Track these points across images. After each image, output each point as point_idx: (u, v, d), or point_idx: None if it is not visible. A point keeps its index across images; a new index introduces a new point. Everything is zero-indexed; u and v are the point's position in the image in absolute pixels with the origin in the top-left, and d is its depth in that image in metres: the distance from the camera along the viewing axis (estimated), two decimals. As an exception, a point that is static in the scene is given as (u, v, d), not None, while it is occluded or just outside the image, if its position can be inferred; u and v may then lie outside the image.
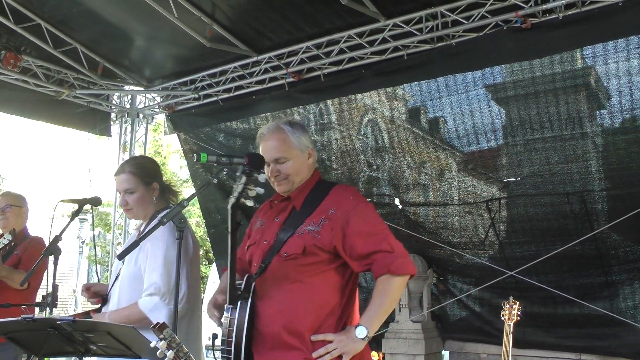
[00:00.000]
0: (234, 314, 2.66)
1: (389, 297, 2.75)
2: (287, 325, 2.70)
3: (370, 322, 2.68)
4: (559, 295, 6.12)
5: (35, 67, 7.09)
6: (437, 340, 7.32)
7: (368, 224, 2.79)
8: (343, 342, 2.66)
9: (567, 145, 5.66)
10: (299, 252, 2.74)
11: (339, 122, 6.90)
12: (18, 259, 5.07)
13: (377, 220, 2.86)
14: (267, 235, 2.89)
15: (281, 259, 2.76)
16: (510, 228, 6.48)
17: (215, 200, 7.96)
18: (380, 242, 2.75)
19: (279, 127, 2.95)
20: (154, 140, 16.20)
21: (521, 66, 5.58)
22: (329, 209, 2.80)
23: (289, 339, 2.69)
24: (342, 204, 2.81)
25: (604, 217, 5.74)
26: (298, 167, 2.91)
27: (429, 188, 6.82)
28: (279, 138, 2.91)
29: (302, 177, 2.94)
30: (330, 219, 2.77)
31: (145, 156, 7.36)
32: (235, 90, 7.19)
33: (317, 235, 2.75)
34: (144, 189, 3.51)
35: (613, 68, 5.09)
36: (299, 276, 2.74)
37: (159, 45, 7.17)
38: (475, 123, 5.95)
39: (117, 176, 3.57)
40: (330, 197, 2.86)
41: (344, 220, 2.75)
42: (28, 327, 2.83)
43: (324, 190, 2.90)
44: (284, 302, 2.73)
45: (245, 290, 2.72)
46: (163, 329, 2.16)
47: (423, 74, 6.02)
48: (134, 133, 8.44)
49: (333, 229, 2.74)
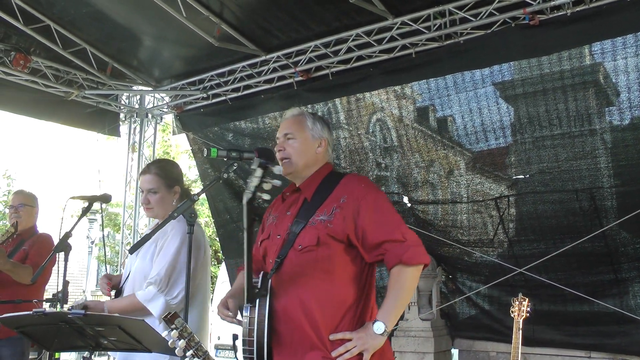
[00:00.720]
0: (253, 313, 2.62)
1: (404, 289, 2.69)
2: (305, 322, 2.65)
3: (388, 317, 2.63)
4: (568, 293, 6.10)
5: (44, 68, 7.14)
6: (447, 338, 7.31)
7: (379, 213, 2.74)
8: (362, 339, 2.60)
9: (576, 142, 5.64)
10: (313, 243, 2.70)
11: (347, 121, 6.90)
12: (25, 254, 5.11)
13: (389, 209, 2.81)
14: (280, 229, 2.86)
15: (296, 252, 2.73)
16: (519, 226, 6.46)
17: (224, 200, 7.98)
18: (392, 232, 2.70)
19: (301, 111, 3.05)
20: (163, 141, 16.24)
21: (529, 63, 5.57)
22: (340, 197, 2.77)
23: (307, 337, 2.65)
24: (353, 192, 2.77)
25: (613, 214, 5.72)
26: (303, 149, 2.91)
27: (438, 186, 6.82)
28: (295, 117, 2.99)
29: (307, 162, 2.92)
30: (342, 207, 2.74)
31: (171, 160, 7.50)
32: (244, 90, 7.21)
33: (330, 224, 2.71)
34: (166, 191, 3.68)
35: (622, 64, 5.07)
36: (315, 271, 2.70)
37: (167, 45, 7.20)
38: (483, 121, 5.94)
39: (142, 175, 3.77)
40: (340, 186, 2.83)
41: (355, 209, 2.72)
42: (39, 321, 2.86)
43: (334, 181, 2.87)
44: (301, 298, 2.68)
45: (262, 288, 2.68)
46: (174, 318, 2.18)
47: (431, 72, 6.02)
48: (143, 133, 8.48)
49: (345, 217, 2.71)
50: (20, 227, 5.25)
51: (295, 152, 2.90)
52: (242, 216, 6.53)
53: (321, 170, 2.96)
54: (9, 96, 7.33)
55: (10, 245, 5.23)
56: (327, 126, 3.03)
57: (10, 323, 3.03)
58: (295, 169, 2.91)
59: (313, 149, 2.94)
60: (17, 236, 5.28)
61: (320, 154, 2.97)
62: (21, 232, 5.27)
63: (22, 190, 5.71)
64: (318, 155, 2.96)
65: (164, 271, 3.42)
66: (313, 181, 2.91)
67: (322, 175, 2.94)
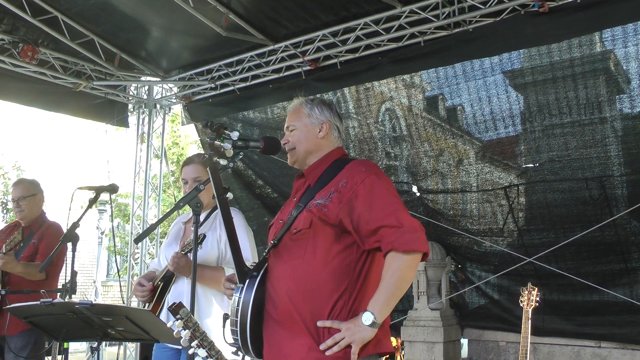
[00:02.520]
0: (241, 294, 2.59)
1: (396, 278, 2.52)
2: (291, 307, 2.58)
3: (377, 307, 2.50)
4: (578, 283, 6.07)
5: (52, 60, 7.14)
6: (456, 328, 7.30)
7: (375, 197, 2.62)
8: (350, 330, 2.47)
9: (586, 131, 5.61)
10: (306, 226, 2.63)
11: (356, 110, 6.88)
12: (35, 249, 5.02)
13: (388, 193, 2.67)
14: (283, 214, 2.85)
15: (291, 235, 2.69)
16: (528, 215, 6.44)
17: (233, 190, 7.89)
18: (386, 217, 2.57)
19: (300, 101, 3.00)
20: (172, 131, 16.25)
21: (539, 51, 5.53)
22: (340, 181, 2.71)
23: (295, 322, 2.57)
24: (353, 176, 2.69)
25: (624, 203, 5.68)
26: (303, 136, 2.88)
27: (447, 176, 6.79)
28: (294, 108, 2.98)
29: (309, 149, 2.88)
30: (340, 191, 2.66)
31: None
32: (252, 80, 7.19)
33: (324, 208, 2.64)
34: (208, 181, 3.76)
35: (633, 51, 5.02)
36: (305, 255, 2.62)
37: (175, 36, 7.18)
38: (493, 109, 5.91)
39: (185, 166, 3.95)
40: (344, 171, 2.76)
41: (353, 193, 2.63)
42: (47, 311, 2.87)
43: (339, 166, 2.81)
44: (287, 282, 2.61)
45: (255, 269, 2.66)
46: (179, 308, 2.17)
47: (440, 60, 5.98)
48: (152, 124, 8.48)
49: (341, 201, 2.62)
50: (27, 220, 5.20)
51: (297, 140, 2.89)
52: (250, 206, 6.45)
53: (329, 155, 2.90)
54: (17, 88, 7.35)
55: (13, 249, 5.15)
56: (328, 108, 2.97)
57: (18, 313, 3.05)
58: (298, 156, 2.89)
59: (314, 135, 2.90)
60: (25, 229, 5.22)
61: (323, 138, 2.91)
62: (29, 224, 5.20)
63: (20, 180, 5.57)
64: (321, 140, 2.90)
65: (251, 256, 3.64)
66: (318, 167, 2.87)
67: (329, 161, 2.88)
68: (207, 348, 2.23)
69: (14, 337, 4.86)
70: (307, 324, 2.56)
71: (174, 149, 16.70)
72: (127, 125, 8.61)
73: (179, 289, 3.63)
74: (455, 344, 7.28)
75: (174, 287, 3.66)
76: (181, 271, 3.56)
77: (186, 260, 3.51)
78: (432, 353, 6.90)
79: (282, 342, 2.58)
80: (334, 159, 2.88)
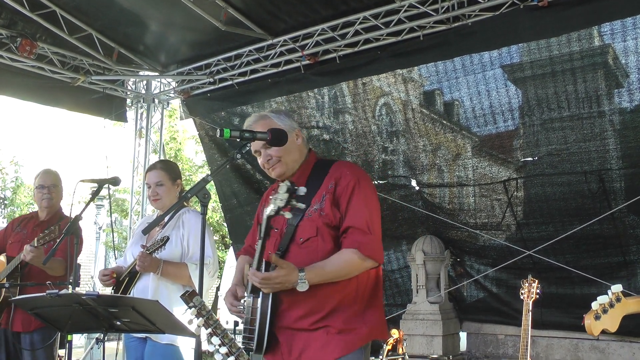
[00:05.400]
0: (256, 303, 2.69)
1: (344, 269, 2.72)
2: (310, 309, 2.73)
3: (313, 275, 2.64)
4: (576, 276, 6.11)
5: (50, 54, 7.12)
6: (455, 321, 7.33)
7: (354, 201, 2.78)
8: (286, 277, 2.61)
9: (585, 124, 5.63)
10: (313, 234, 2.76)
11: (354, 105, 6.89)
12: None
13: (366, 198, 2.83)
14: (276, 223, 2.84)
15: (298, 245, 2.78)
16: (527, 208, 6.46)
17: (231, 184, 7.99)
18: (359, 219, 2.75)
19: (263, 115, 3.03)
20: (170, 126, 16.22)
21: (538, 45, 5.54)
22: (328, 184, 2.84)
23: (312, 322, 2.73)
24: (340, 179, 2.83)
25: (622, 196, 5.72)
26: (288, 147, 2.90)
27: (445, 170, 6.81)
28: (264, 124, 2.94)
29: (294, 158, 2.95)
30: (330, 193, 2.80)
31: (172, 161, 8.09)
32: (251, 74, 7.19)
33: (322, 212, 2.77)
34: (170, 184, 4.18)
35: (632, 45, 5.03)
36: (317, 261, 2.73)
37: (173, 30, 7.16)
38: (492, 103, 5.92)
39: (149, 172, 4.25)
40: (330, 173, 2.88)
41: (339, 194, 2.79)
42: (53, 303, 2.87)
43: (324, 169, 2.92)
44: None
45: None
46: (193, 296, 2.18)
47: (439, 54, 5.98)
48: (150, 118, 8.47)
49: (332, 203, 2.78)
50: (50, 210, 5.12)
51: (284, 153, 2.91)
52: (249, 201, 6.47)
53: (308, 160, 3.01)
54: (15, 82, 7.31)
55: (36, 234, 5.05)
56: (288, 116, 3.06)
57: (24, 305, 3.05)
58: (287, 167, 2.94)
59: (294, 143, 2.96)
60: (44, 223, 5.13)
61: (300, 144, 2.99)
62: (49, 217, 5.12)
63: (49, 169, 5.37)
64: (300, 146, 2.99)
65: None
66: (303, 173, 2.96)
67: (310, 165, 2.99)
68: (221, 336, 2.25)
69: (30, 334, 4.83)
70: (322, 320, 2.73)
71: (172, 144, 16.67)
72: (125, 120, 8.59)
73: (144, 283, 3.92)
74: (454, 337, 7.31)
75: (139, 282, 3.95)
76: (147, 269, 3.84)
77: (151, 260, 3.78)
78: (431, 346, 6.93)
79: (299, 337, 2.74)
80: (313, 162, 3.01)
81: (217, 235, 17.22)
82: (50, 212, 5.13)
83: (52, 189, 5.12)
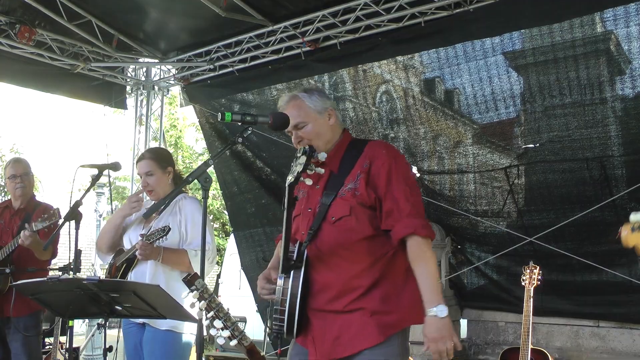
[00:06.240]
0: (287, 283, 2.66)
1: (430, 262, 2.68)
2: (342, 289, 2.70)
3: (435, 297, 2.60)
4: (577, 263, 6.10)
5: (49, 41, 7.07)
6: (455, 308, 7.34)
7: (393, 181, 2.74)
8: (435, 340, 2.57)
9: (587, 111, 5.60)
10: (346, 213, 2.73)
11: (354, 92, 6.86)
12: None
13: (407, 178, 2.81)
14: (310, 203, 2.88)
15: (330, 224, 2.75)
16: (528, 195, 6.45)
17: (232, 172, 7.97)
18: (403, 201, 2.70)
19: (294, 95, 2.99)
20: (170, 114, 16.20)
21: (540, 31, 5.50)
22: (363, 163, 2.80)
23: (346, 304, 2.70)
24: (375, 158, 2.79)
25: (623, 183, 5.70)
26: (318, 129, 2.90)
27: (446, 157, 6.80)
28: (294, 105, 2.94)
29: (327, 139, 2.93)
30: (364, 172, 2.76)
31: (161, 147, 7.98)
32: (251, 61, 7.15)
33: (357, 192, 2.74)
34: (161, 172, 4.16)
35: (635, 31, 5.00)
36: (351, 240, 2.72)
37: (173, 17, 7.12)
38: (493, 90, 5.89)
39: (138, 163, 4.24)
40: (365, 153, 2.84)
41: (376, 174, 2.74)
42: (54, 288, 2.87)
43: (358, 149, 2.88)
44: (338, 267, 2.72)
45: (298, 259, 2.71)
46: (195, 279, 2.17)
47: (441, 41, 5.95)
48: (150, 106, 8.44)
49: (368, 182, 2.74)
50: (24, 199, 5.24)
51: (314, 135, 2.89)
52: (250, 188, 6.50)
53: (342, 140, 2.98)
54: (14, 69, 7.28)
55: (15, 222, 5.18)
56: (322, 94, 3.03)
57: (25, 290, 3.05)
58: (319, 150, 2.86)
59: (326, 124, 2.94)
60: (20, 211, 5.23)
61: (333, 124, 2.97)
62: (24, 204, 5.24)
63: (18, 159, 5.62)
64: (333, 126, 2.96)
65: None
66: (337, 153, 2.92)
67: (344, 145, 2.95)
68: (223, 319, 2.24)
69: (25, 318, 4.92)
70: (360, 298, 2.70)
71: (172, 132, 16.65)
72: (125, 107, 8.55)
73: (142, 270, 3.93)
74: (454, 324, 7.29)
75: (137, 267, 3.95)
76: (148, 257, 3.83)
77: (152, 249, 3.78)
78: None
79: (333, 320, 2.72)
80: (348, 142, 2.97)
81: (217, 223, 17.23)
82: (24, 200, 5.24)
83: (24, 178, 5.25)
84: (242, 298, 10.00)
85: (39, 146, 35.84)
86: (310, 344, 2.77)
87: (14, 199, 5.29)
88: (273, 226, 7.81)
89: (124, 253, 4.03)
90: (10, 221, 5.19)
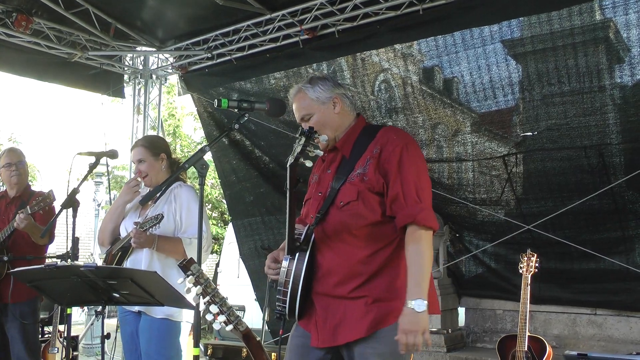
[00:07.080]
0: (291, 265, 2.68)
1: (425, 254, 2.66)
2: (347, 274, 2.71)
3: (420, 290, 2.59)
4: (575, 251, 6.12)
5: (46, 29, 7.05)
6: (453, 296, 7.37)
7: (402, 168, 2.73)
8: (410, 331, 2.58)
9: (585, 99, 5.58)
10: (354, 198, 2.73)
11: (353, 81, 6.84)
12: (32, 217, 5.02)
13: (417, 166, 2.79)
14: (321, 187, 2.91)
15: (338, 209, 2.76)
16: (526, 183, 6.45)
17: (230, 160, 7.96)
18: (409, 188, 2.70)
19: (299, 88, 3.03)
20: (168, 103, 16.16)
21: (539, 19, 5.47)
22: (373, 148, 2.80)
23: (350, 289, 2.71)
24: (386, 143, 2.79)
25: (621, 171, 5.70)
26: (323, 119, 2.92)
27: (444, 146, 6.79)
28: (298, 98, 2.99)
29: (334, 127, 2.94)
30: (374, 157, 2.77)
31: (156, 135, 8.07)
32: (249, 49, 7.13)
33: (365, 177, 2.75)
34: (153, 159, 4.21)
35: (634, 18, 4.97)
36: (357, 225, 2.73)
37: (171, 5, 7.09)
38: (492, 78, 5.86)
39: (132, 150, 4.31)
40: (376, 139, 2.84)
41: (386, 159, 2.74)
42: (52, 275, 2.87)
43: (371, 134, 2.89)
44: (343, 252, 2.73)
45: (304, 242, 2.73)
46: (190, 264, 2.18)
47: (439, 28, 5.92)
48: (148, 94, 8.43)
49: (377, 167, 2.74)
50: (19, 187, 5.29)
51: (320, 125, 2.88)
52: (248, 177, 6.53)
53: (355, 125, 2.99)
54: (11, 58, 7.26)
55: (11, 210, 5.21)
56: (327, 81, 3.03)
57: (23, 277, 3.05)
58: (329, 138, 2.91)
59: (331, 113, 2.95)
60: (16, 199, 5.28)
61: (340, 112, 2.97)
62: (19, 193, 5.30)
63: (12, 148, 5.69)
64: (340, 114, 2.97)
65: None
66: (349, 138, 2.94)
67: (357, 130, 2.96)
68: (219, 304, 2.25)
69: (22, 304, 4.96)
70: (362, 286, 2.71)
71: (170, 121, 16.61)
72: (122, 95, 8.54)
73: (138, 258, 3.96)
74: (452, 312, 7.35)
75: (132, 255, 3.97)
76: (143, 245, 3.85)
77: (146, 237, 3.79)
78: (430, 321, 6.88)
79: (337, 306, 2.73)
80: (361, 127, 2.97)
81: (216, 211, 17.22)
82: (19, 188, 5.30)
83: (19, 165, 5.30)
84: (241, 287, 10.03)
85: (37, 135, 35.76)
86: (312, 328, 2.78)
87: (9, 187, 5.34)
88: (271, 215, 7.82)
89: (120, 241, 4.05)
90: (6, 209, 5.25)
